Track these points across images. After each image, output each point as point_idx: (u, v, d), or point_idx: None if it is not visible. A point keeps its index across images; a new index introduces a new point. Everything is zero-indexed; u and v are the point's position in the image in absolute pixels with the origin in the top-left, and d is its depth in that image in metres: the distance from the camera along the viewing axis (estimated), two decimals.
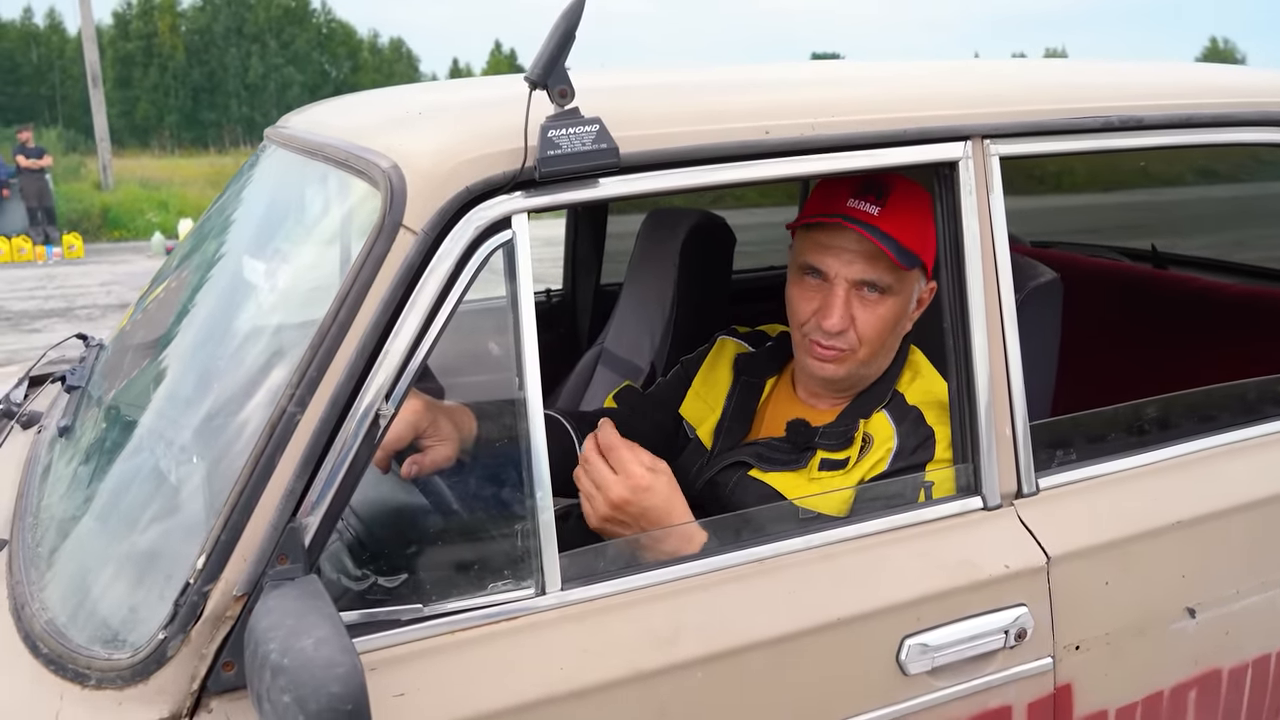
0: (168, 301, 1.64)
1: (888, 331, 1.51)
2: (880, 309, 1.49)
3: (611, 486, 1.28)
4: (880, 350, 1.53)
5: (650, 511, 1.28)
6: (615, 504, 1.28)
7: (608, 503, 1.28)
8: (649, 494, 1.28)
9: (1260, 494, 1.57)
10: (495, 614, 1.16)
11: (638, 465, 1.29)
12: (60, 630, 1.10)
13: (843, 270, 1.48)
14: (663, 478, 1.30)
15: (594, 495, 1.29)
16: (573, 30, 1.12)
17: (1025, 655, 1.37)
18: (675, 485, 1.32)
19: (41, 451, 1.56)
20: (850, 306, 1.48)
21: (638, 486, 1.27)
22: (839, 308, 1.48)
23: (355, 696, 0.88)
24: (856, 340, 1.50)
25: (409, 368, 1.11)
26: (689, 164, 1.23)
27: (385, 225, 1.11)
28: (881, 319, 1.49)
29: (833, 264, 1.49)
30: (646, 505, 1.27)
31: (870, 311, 1.49)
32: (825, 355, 1.51)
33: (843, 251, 1.48)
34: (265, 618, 0.97)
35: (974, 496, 1.40)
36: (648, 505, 1.27)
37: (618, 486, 1.28)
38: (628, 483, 1.28)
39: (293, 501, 1.06)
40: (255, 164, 1.76)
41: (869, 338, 1.49)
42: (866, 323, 1.49)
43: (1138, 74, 1.64)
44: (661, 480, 1.30)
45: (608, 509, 1.28)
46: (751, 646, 1.22)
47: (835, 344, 1.50)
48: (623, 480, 1.28)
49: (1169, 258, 2.81)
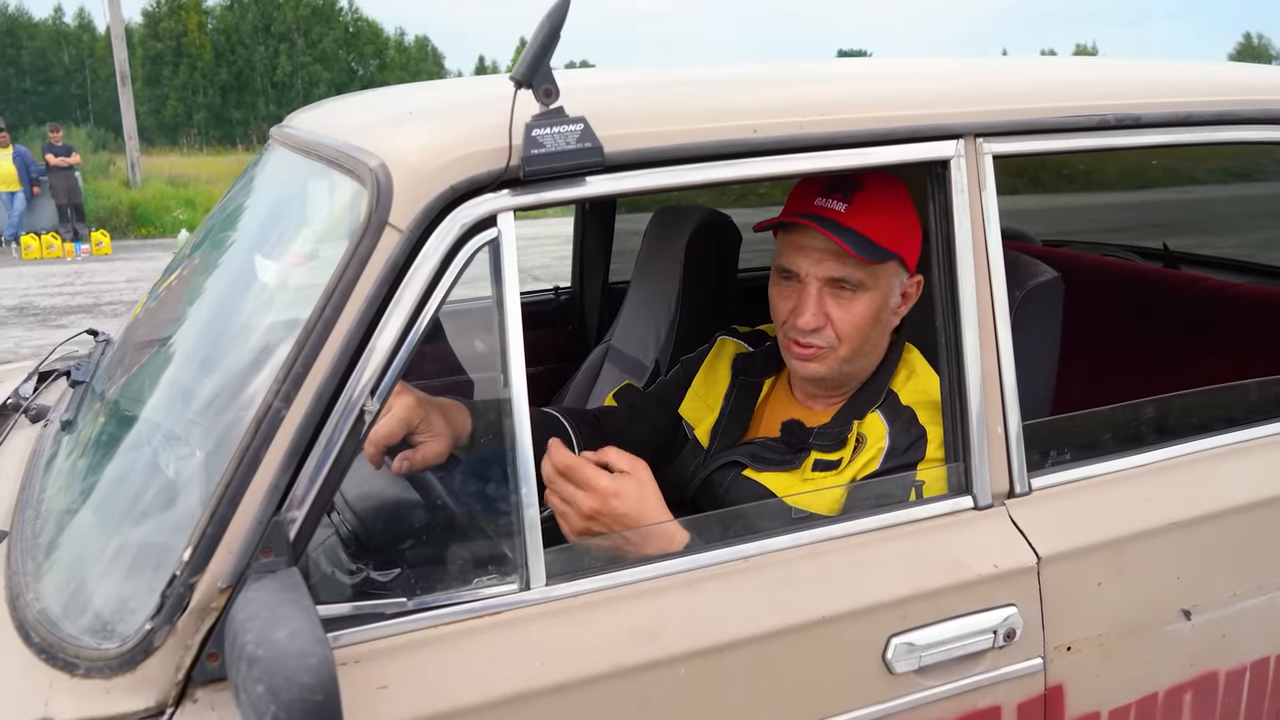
0: (166, 298, 1.67)
1: (867, 327, 1.51)
2: (856, 305, 1.49)
3: (580, 500, 1.28)
4: (863, 346, 1.53)
5: (624, 516, 1.28)
6: (588, 515, 1.28)
7: (580, 515, 1.29)
8: (619, 499, 1.28)
9: (1259, 496, 1.55)
10: (479, 608, 1.17)
11: (600, 476, 1.28)
12: (52, 620, 1.12)
13: (813, 269, 1.49)
14: (630, 481, 1.30)
15: (566, 512, 1.30)
16: (557, 30, 1.13)
17: (1015, 656, 1.37)
18: (647, 485, 1.31)
19: (46, 445, 1.58)
20: (824, 304, 1.49)
21: (606, 494, 1.28)
22: (811, 306, 1.49)
23: (326, 687, 0.90)
24: (835, 337, 1.50)
25: (394, 364, 1.12)
26: (676, 163, 1.23)
27: (371, 223, 1.12)
28: (858, 315, 1.50)
29: (803, 263, 1.50)
30: (619, 511, 1.28)
31: (845, 309, 1.49)
32: (805, 354, 1.52)
33: (812, 250, 1.49)
34: (244, 609, 0.98)
35: (964, 496, 1.40)
36: (620, 510, 1.28)
37: (585, 499, 1.28)
38: (594, 494, 1.28)
39: (277, 496, 1.07)
40: (258, 162, 1.78)
41: (847, 334, 1.50)
42: (842, 320, 1.49)
43: (1135, 71, 1.63)
44: (629, 483, 1.29)
45: (582, 522, 1.29)
46: (734, 643, 1.22)
47: (813, 342, 1.50)
48: (589, 493, 1.28)
49: (1181, 257, 2.78)
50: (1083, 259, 2.63)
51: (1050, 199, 4.79)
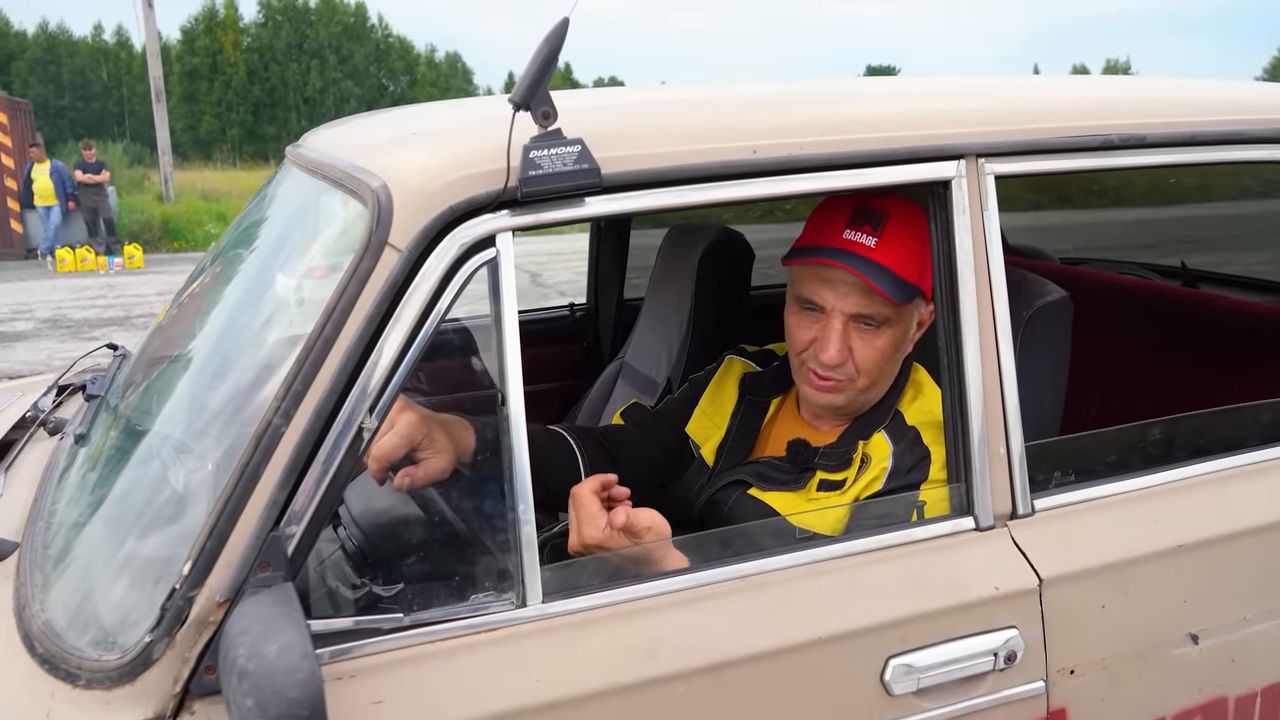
0: (178, 315, 1.70)
1: (886, 361, 1.52)
2: (878, 341, 1.49)
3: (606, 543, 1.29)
4: (880, 377, 1.53)
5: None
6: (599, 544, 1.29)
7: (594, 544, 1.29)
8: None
9: (1270, 519, 1.53)
10: (475, 625, 1.18)
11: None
12: (56, 631, 1.14)
13: (839, 304, 1.48)
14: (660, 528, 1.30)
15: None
16: (555, 54, 1.15)
17: (1016, 678, 1.36)
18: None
19: (60, 458, 1.61)
20: (847, 339, 1.49)
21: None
22: (835, 341, 1.48)
23: (313, 702, 0.91)
24: (855, 371, 1.50)
25: (393, 382, 1.13)
26: (675, 183, 1.24)
27: (372, 243, 1.14)
28: (879, 350, 1.50)
29: (829, 297, 1.49)
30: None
31: (868, 343, 1.49)
32: (823, 385, 1.52)
33: (839, 285, 1.48)
34: (238, 623, 1.00)
35: (966, 517, 1.39)
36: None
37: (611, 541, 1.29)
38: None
39: (276, 511, 1.09)
40: (272, 181, 1.81)
41: (867, 368, 1.50)
42: (864, 354, 1.49)
43: (1140, 90, 1.62)
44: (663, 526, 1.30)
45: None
46: (730, 663, 1.22)
47: (833, 375, 1.51)
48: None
49: (1200, 275, 2.76)
50: (1099, 277, 2.61)
51: (1079, 215, 4.76)
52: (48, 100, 43.91)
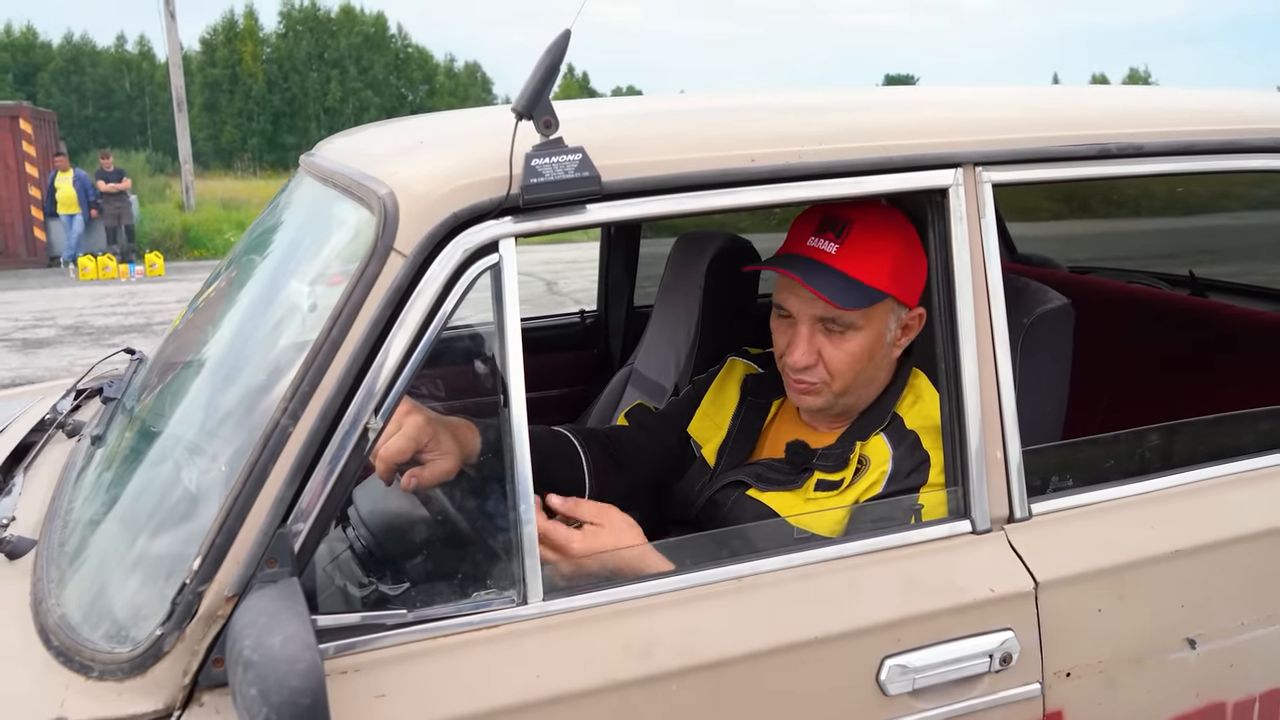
0: (192, 319, 1.74)
1: (859, 364, 1.53)
2: (848, 344, 1.52)
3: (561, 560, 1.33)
4: (856, 380, 1.55)
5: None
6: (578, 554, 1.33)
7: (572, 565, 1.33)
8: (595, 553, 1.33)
9: (1269, 525, 1.54)
10: (477, 622, 1.20)
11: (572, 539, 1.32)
12: (71, 625, 1.18)
13: (804, 309, 1.52)
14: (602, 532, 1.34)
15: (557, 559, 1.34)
16: (557, 65, 1.18)
17: (1012, 680, 1.37)
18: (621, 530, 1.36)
19: (77, 459, 1.66)
20: (815, 342, 1.53)
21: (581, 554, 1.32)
22: (802, 345, 1.52)
23: (314, 691, 0.94)
24: (827, 374, 1.53)
25: (397, 384, 1.17)
26: (674, 191, 1.27)
27: (377, 249, 1.17)
28: (849, 354, 1.52)
29: (794, 303, 1.53)
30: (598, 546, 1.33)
31: (837, 347, 1.52)
32: (798, 388, 1.56)
33: (801, 290, 1.51)
34: (244, 616, 1.03)
35: (963, 520, 1.41)
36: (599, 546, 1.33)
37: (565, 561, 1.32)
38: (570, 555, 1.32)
39: (283, 508, 1.12)
40: (286, 189, 1.85)
41: (839, 371, 1.53)
42: (834, 358, 1.52)
43: (1138, 100, 1.64)
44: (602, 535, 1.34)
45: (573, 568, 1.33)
46: (726, 661, 1.24)
47: (805, 378, 1.54)
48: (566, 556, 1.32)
49: (1208, 284, 2.76)
50: (1107, 286, 2.62)
51: (1099, 224, 4.76)
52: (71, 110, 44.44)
